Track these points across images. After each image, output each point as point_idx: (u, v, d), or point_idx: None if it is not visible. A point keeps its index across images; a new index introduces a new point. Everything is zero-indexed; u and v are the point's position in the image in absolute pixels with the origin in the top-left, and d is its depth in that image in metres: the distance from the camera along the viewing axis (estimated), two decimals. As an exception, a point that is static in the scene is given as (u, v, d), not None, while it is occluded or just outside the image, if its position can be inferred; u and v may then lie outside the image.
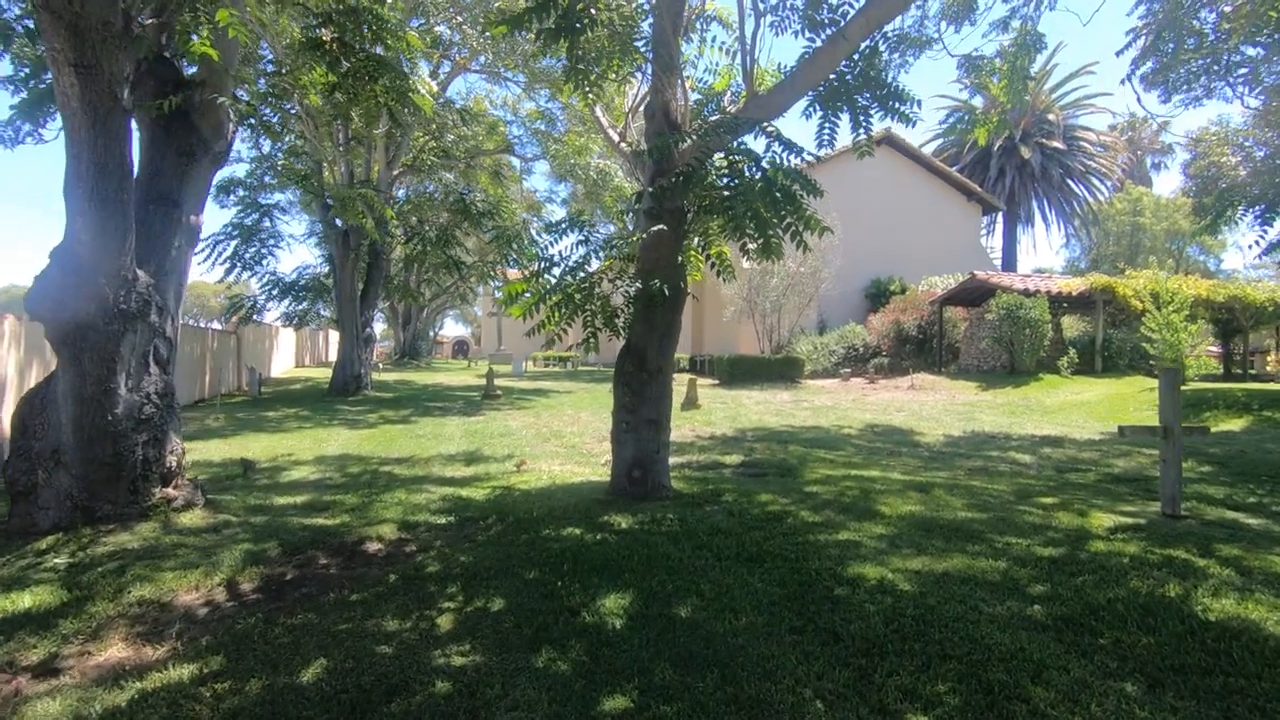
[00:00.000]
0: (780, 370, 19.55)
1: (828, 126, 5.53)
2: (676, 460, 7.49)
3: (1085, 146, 36.44)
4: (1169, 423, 5.05)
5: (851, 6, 5.34)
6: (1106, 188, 38.91)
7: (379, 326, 37.13)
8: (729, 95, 6.38)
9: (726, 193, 5.30)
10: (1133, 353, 18.79)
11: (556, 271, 5.30)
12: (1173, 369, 5.31)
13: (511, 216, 21.21)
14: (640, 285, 5.47)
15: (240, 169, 21.55)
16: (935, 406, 14.30)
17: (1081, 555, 4.08)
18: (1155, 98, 10.65)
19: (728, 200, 5.16)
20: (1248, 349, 21.20)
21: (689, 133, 5.46)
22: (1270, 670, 2.73)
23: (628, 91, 7.69)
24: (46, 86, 6.35)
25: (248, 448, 9.08)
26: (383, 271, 19.47)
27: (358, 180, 17.12)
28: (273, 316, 21.81)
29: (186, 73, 6.00)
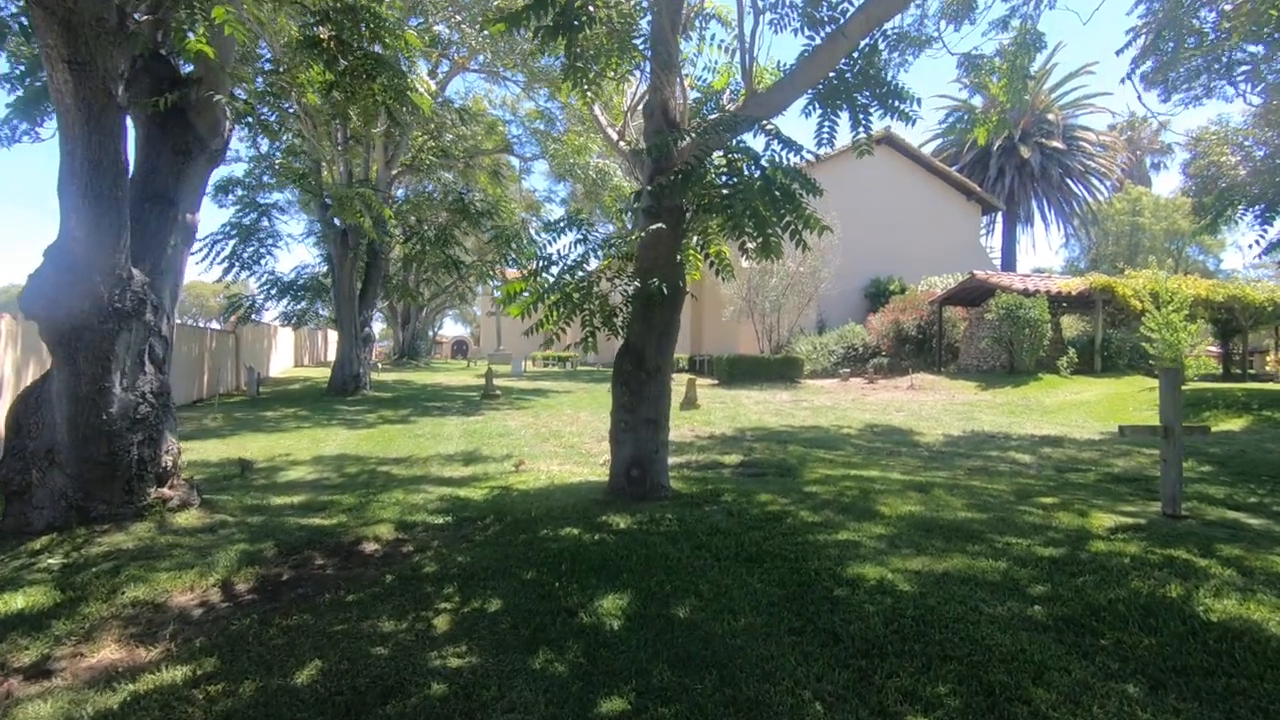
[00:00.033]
0: (779, 370, 19.55)
1: (827, 125, 5.49)
2: (675, 460, 7.47)
3: (1085, 146, 36.44)
4: (1170, 422, 5.03)
5: (851, 4, 5.31)
6: (1106, 187, 38.93)
7: (378, 326, 37.12)
8: (728, 93, 6.35)
9: (725, 191, 5.27)
10: (1132, 352, 18.79)
11: (555, 270, 5.28)
12: (1174, 368, 5.29)
13: (510, 216, 21.20)
14: (639, 284, 5.44)
15: (239, 168, 21.58)
16: (934, 406, 14.28)
17: (1082, 555, 4.06)
18: (1155, 97, 10.64)
19: (727, 199, 5.13)
20: (1247, 349, 21.21)
21: (688, 131, 5.44)
22: (1273, 672, 2.70)
23: (626, 90, 7.66)
24: (42, 84, 6.29)
25: (245, 447, 9.06)
26: (381, 271, 19.44)
27: (356, 179, 17.11)
28: (271, 316, 21.79)
29: (183, 70, 5.96)
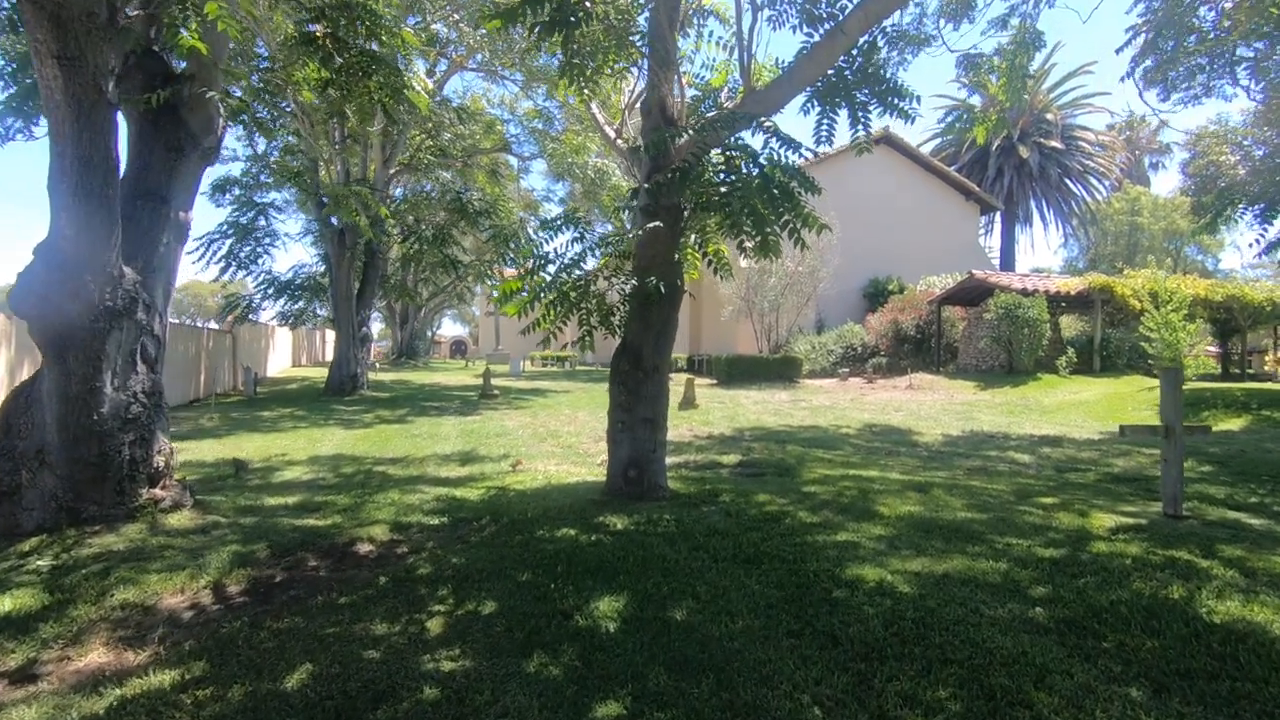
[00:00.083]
0: (778, 370, 19.51)
1: (826, 123, 5.45)
2: (673, 460, 7.42)
3: (1083, 146, 36.44)
4: (1170, 422, 4.99)
5: (849, 1, 5.28)
6: (1105, 187, 38.93)
7: (376, 326, 37.12)
8: (726, 91, 6.31)
9: (723, 189, 5.24)
10: (1131, 352, 18.77)
11: (551, 269, 5.25)
12: (1175, 368, 5.26)
13: (509, 215, 21.13)
14: (636, 283, 5.40)
15: (235, 167, 21.50)
16: (933, 406, 14.25)
17: (1083, 556, 4.01)
18: (1155, 95, 10.61)
19: (725, 197, 5.09)
20: (1246, 348, 21.20)
21: (685, 128, 5.39)
22: (1278, 674, 2.66)
23: (624, 88, 7.62)
24: (34, 81, 6.25)
25: (241, 447, 9.00)
26: (379, 270, 19.38)
27: (354, 178, 17.04)
28: (268, 316, 21.72)
29: (175, 66, 5.90)
